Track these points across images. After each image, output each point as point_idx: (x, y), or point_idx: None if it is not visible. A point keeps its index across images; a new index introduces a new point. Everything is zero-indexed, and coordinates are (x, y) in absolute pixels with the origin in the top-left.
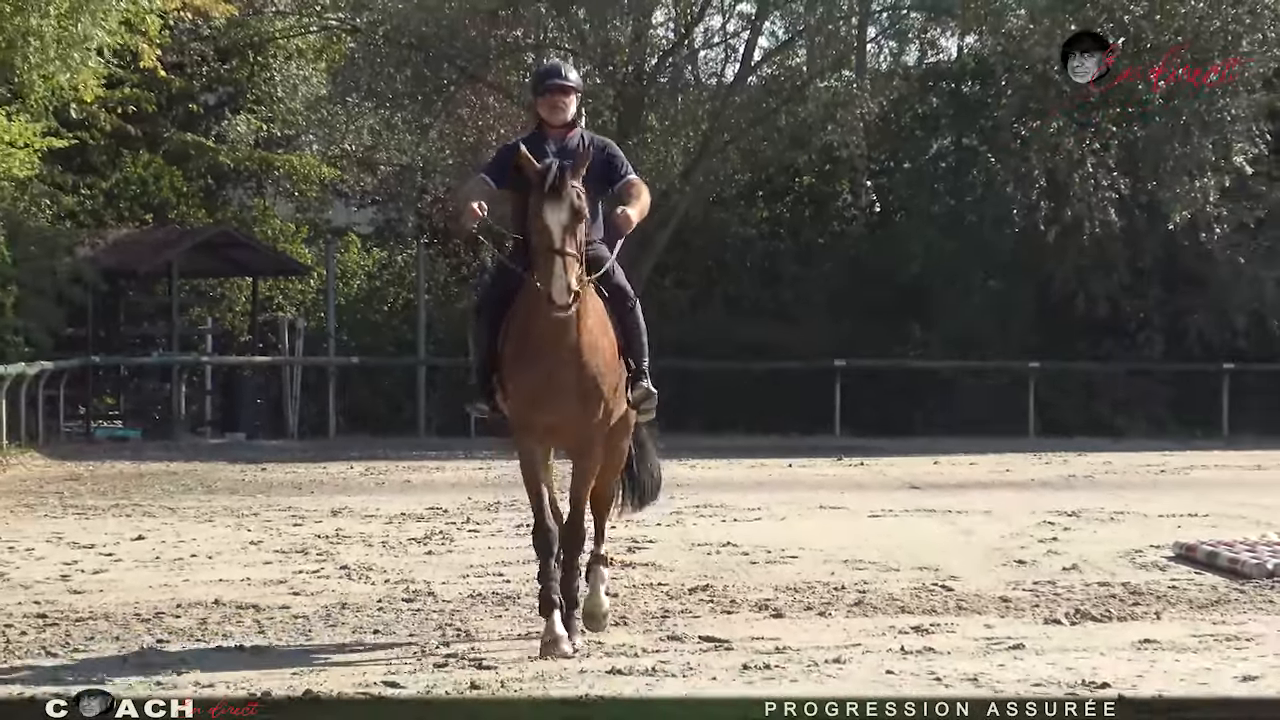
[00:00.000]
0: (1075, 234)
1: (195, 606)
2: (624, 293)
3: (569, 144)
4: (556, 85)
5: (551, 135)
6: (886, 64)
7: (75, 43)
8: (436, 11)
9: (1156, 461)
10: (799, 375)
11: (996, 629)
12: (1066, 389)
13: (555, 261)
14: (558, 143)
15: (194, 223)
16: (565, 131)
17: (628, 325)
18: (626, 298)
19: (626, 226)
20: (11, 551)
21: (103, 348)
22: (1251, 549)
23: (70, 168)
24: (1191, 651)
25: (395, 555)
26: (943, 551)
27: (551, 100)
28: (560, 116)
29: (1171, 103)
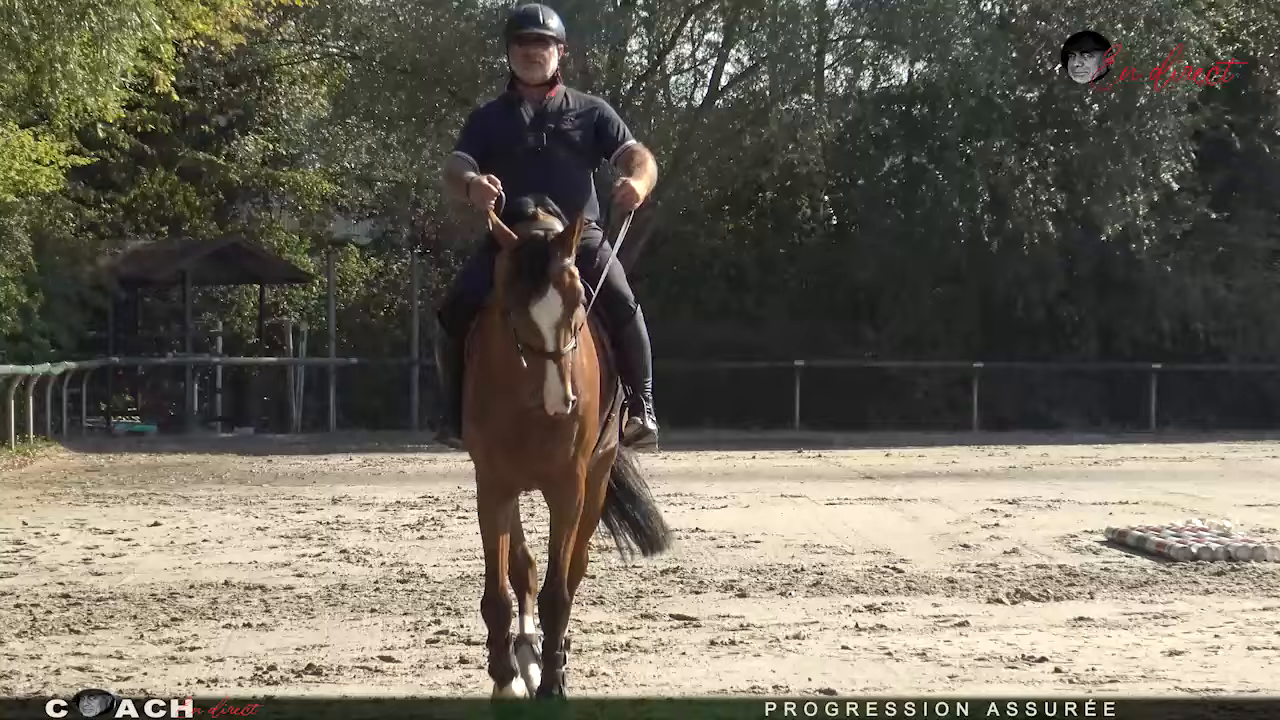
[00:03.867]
0: (1016, 245)
1: (207, 587)
2: (622, 299)
3: (548, 106)
4: (532, 34)
5: (529, 96)
6: (843, 88)
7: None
8: (429, 40)
9: (1090, 454)
10: (762, 374)
11: (943, 608)
12: (1007, 387)
13: (549, 368)
14: (535, 105)
15: (206, 234)
16: (544, 91)
17: (625, 340)
18: (626, 307)
19: (632, 201)
20: (38, 537)
21: (122, 349)
22: (1177, 534)
23: (92, 184)
24: (1122, 628)
25: (391, 540)
26: (894, 536)
27: (526, 52)
28: (537, 72)
29: (1105, 124)
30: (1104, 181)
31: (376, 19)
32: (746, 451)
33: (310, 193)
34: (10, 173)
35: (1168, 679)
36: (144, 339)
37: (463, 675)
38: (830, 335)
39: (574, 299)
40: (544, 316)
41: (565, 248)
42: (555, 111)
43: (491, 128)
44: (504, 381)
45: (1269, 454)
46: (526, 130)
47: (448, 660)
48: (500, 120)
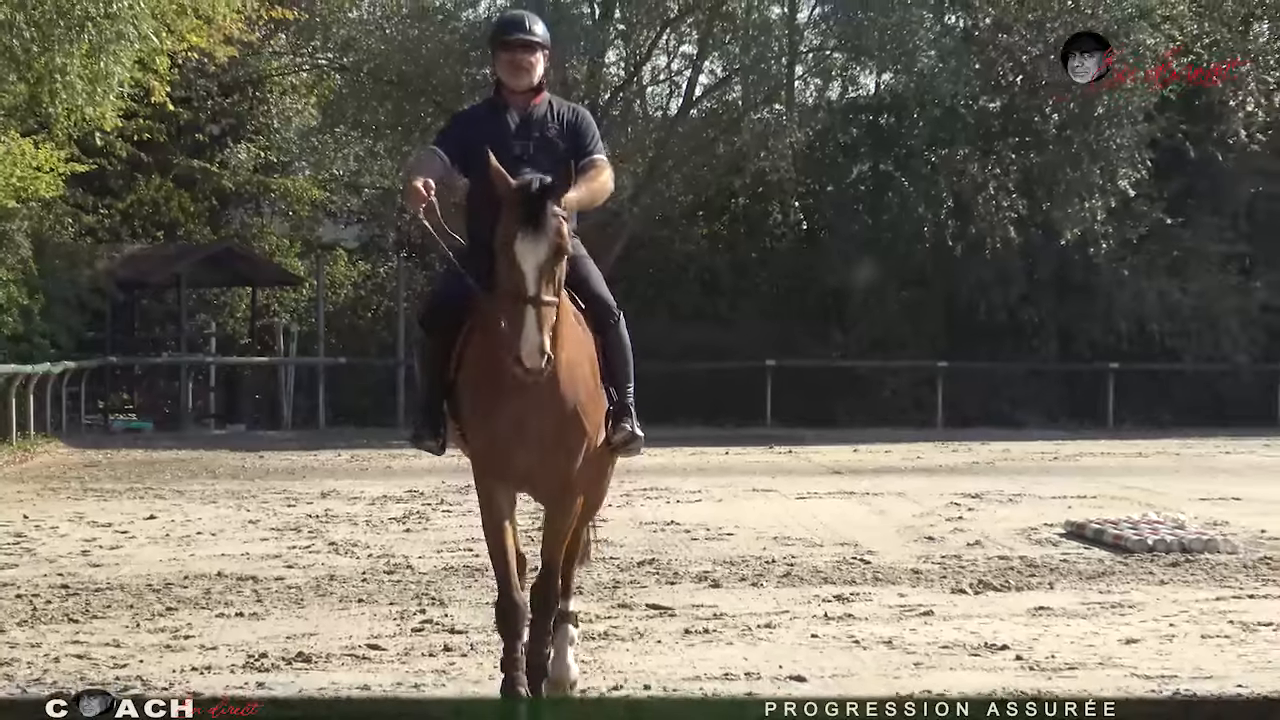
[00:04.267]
0: (979, 249)
1: (200, 578)
2: (605, 305)
3: (534, 114)
4: (519, 40)
5: (514, 102)
6: (812, 99)
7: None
8: (414, 53)
9: (1050, 450)
10: (735, 373)
11: (909, 597)
12: (971, 386)
13: (528, 314)
14: (521, 112)
15: (200, 239)
16: (530, 98)
17: (609, 345)
18: (609, 312)
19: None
20: (38, 529)
21: (119, 349)
22: (1134, 527)
23: (91, 190)
24: (1081, 618)
25: (377, 533)
26: (861, 529)
27: (513, 58)
28: (524, 79)
29: (1064, 133)
30: (1063, 188)
31: (364, 32)
32: (720, 448)
33: (300, 199)
34: (11, 179)
35: (1124, 666)
36: (140, 339)
37: (446, 663)
38: (801, 336)
39: (560, 245)
40: (529, 256)
41: (556, 195)
42: (540, 119)
43: (475, 132)
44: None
45: (1222, 450)
46: (512, 138)
47: (432, 648)
48: (485, 125)
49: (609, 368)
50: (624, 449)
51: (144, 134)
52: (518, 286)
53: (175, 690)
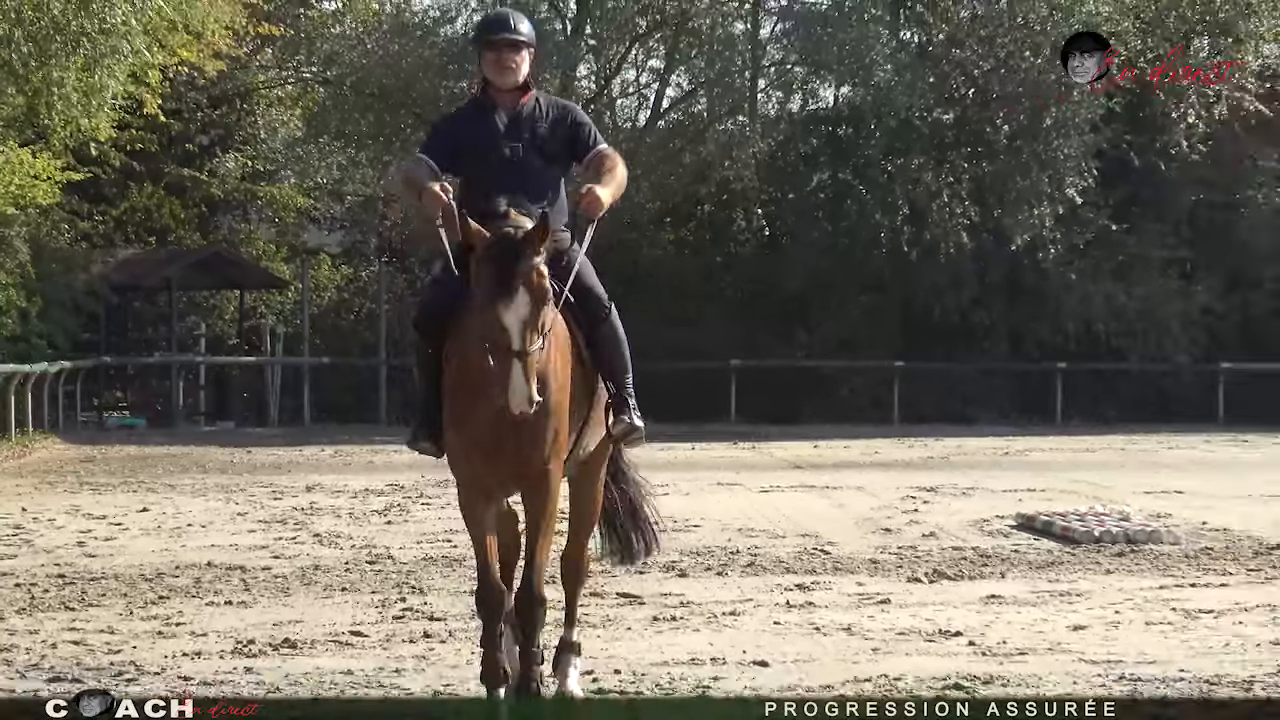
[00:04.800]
0: (933, 254)
1: (191, 568)
2: (596, 299)
3: (522, 112)
4: (504, 39)
5: (501, 102)
6: (774, 110)
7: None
8: (395, 67)
9: (1001, 446)
10: (701, 373)
11: (867, 586)
12: (926, 385)
13: (514, 366)
14: (509, 111)
15: (190, 244)
16: (517, 97)
17: (602, 339)
18: (600, 305)
19: (596, 209)
20: (35, 522)
21: (113, 350)
22: (1081, 519)
23: (86, 197)
24: (1031, 605)
25: (360, 524)
26: (821, 521)
27: (498, 57)
28: (510, 78)
29: (1014, 143)
30: (1013, 196)
31: (347, 46)
32: (686, 443)
33: (286, 206)
34: (10, 187)
35: (1072, 652)
36: (133, 340)
37: (426, 649)
38: (764, 337)
39: (542, 298)
40: (511, 314)
41: (534, 246)
42: (529, 118)
43: (463, 133)
44: (479, 387)
45: (1165, 446)
46: (501, 138)
47: (412, 635)
48: (473, 126)
49: (603, 361)
50: (625, 440)
51: (136, 144)
52: (503, 342)
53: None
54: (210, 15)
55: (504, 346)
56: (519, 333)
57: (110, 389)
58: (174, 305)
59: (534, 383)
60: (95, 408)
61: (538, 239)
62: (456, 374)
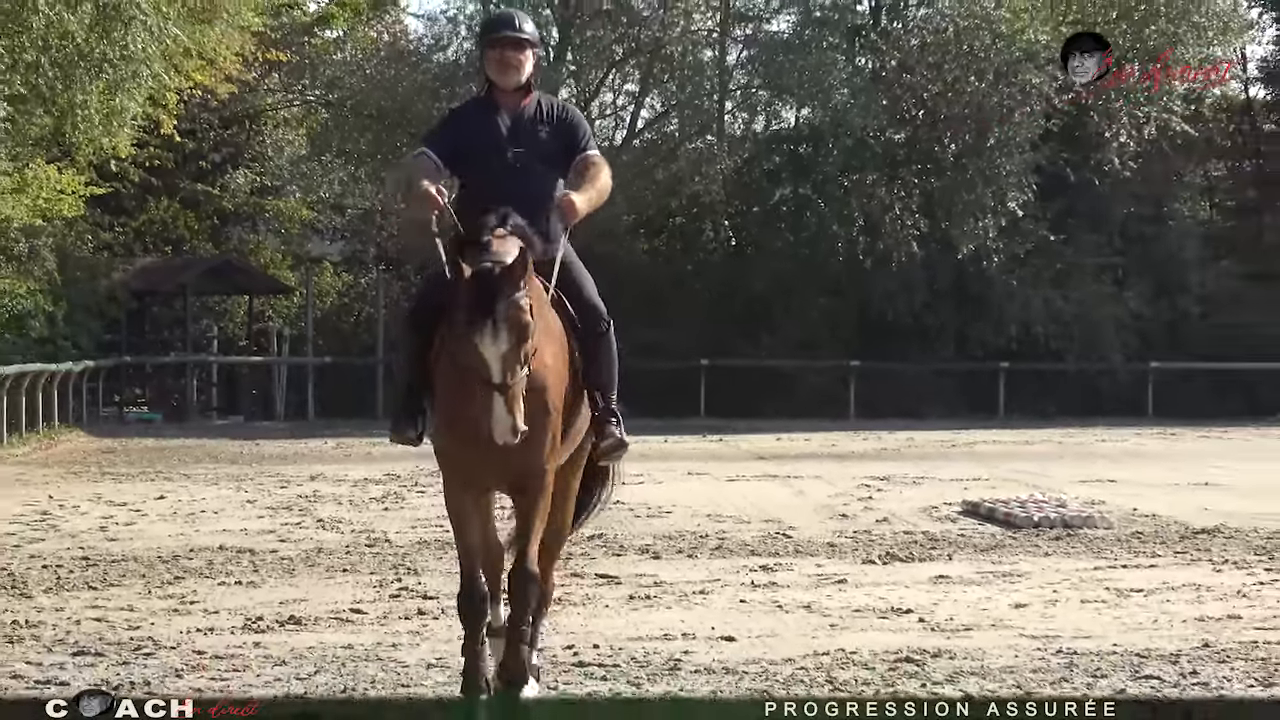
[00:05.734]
0: (886, 262)
1: (204, 551)
2: (597, 313)
3: (524, 115)
4: (508, 38)
5: (503, 102)
6: (740, 130)
7: (113, 113)
8: (391, 90)
9: (949, 438)
10: (673, 372)
11: (825, 567)
12: (879, 382)
13: (496, 400)
14: (511, 112)
15: (203, 253)
16: (520, 98)
17: (597, 352)
18: (600, 320)
19: (571, 215)
20: (61, 508)
21: (132, 350)
22: (1022, 505)
23: (107, 210)
24: (975, 585)
25: (360, 511)
26: (783, 508)
27: (502, 56)
28: (513, 78)
29: (960, 161)
30: (960, 209)
31: (347, 72)
32: (659, 436)
33: (291, 218)
34: (38, 201)
35: (1014, 627)
36: (151, 341)
37: (420, 625)
38: (731, 339)
39: (522, 333)
40: (491, 350)
41: (514, 281)
42: (531, 120)
43: (468, 131)
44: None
45: (1099, 439)
46: (504, 141)
47: (407, 612)
48: (476, 128)
49: (595, 374)
50: (608, 455)
51: (154, 161)
52: (485, 377)
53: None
54: (222, 43)
55: (485, 380)
56: (499, 368)
57: (130, 386)
58: (188, 309)
59: (518, 414)
60: (116, 403)
61: (518, 273)
62: (448, 371)
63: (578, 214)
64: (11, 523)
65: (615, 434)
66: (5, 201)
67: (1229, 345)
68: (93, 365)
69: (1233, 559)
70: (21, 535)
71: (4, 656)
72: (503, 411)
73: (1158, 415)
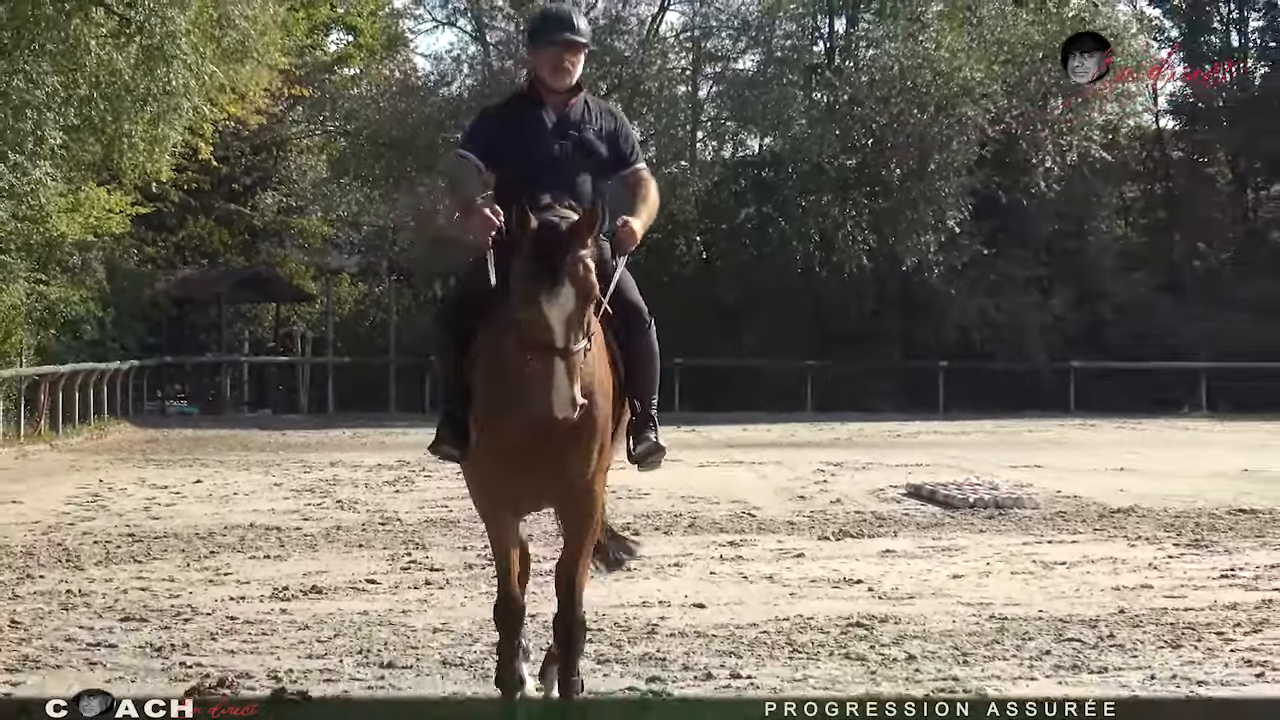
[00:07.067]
0: (839, 273)
1: (236, 528)
2: (638, 311)
3: (570, 114)
4: (566, 39)
5: (550, 101)
6: (710, 156)
7: (156, 141)
8: (402, 121)
9: (895, 429)
10: None
11: (785, 543)
12: (834, 379)
13: (557, 366)
14: (557, 111)
15: (236, 265)
16: (567, 98)
17: (639, 353)
18: (641, 318)
19: (630, 244)
20: (110, 491)
21: (173, 351)
22: (959, 488)
23: (150, 227)
24: (918, 558)
25: (374, 493)
26: (748, 490)
27: (556, 57)
28: (565, 79)
29: (904, 184)
30: (904, 226)
31: (363, 105)
32: None
33: (313, 234)
34: (90, 219)
35: (952, 596)
36: (190, 343)
37: (427, 594)
38: (702, 341)
39: (588, 291)
40: (555, 309)
41: (580, 238)
42: (578, 120)
43: (509, 129)
44: (515, 393)
45: (1027, 429)
46: (550, 136)
47: (416, 583)
48: (519, 121)
49: (636, 378)
50: (645, 461)
51: (192, 183)
52: (545, 339)
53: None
54: (252, 79)
55: (544, 344)
56: (563, 330)
57: (170, 383)
58: (223, 315)
59: (577, 385)
60: (158, 398)
61: (585, 229)
62: (488, 377)
63: (637, 241)
64: (66, 504)
65: (651, 438)
66: (60, 220)
67: (1141, 347)
68: (138, 364)
69: (1145, 535)
70: (75, 515)
71: (60, 622)
72: (564, 381)
73: (1079, 409)
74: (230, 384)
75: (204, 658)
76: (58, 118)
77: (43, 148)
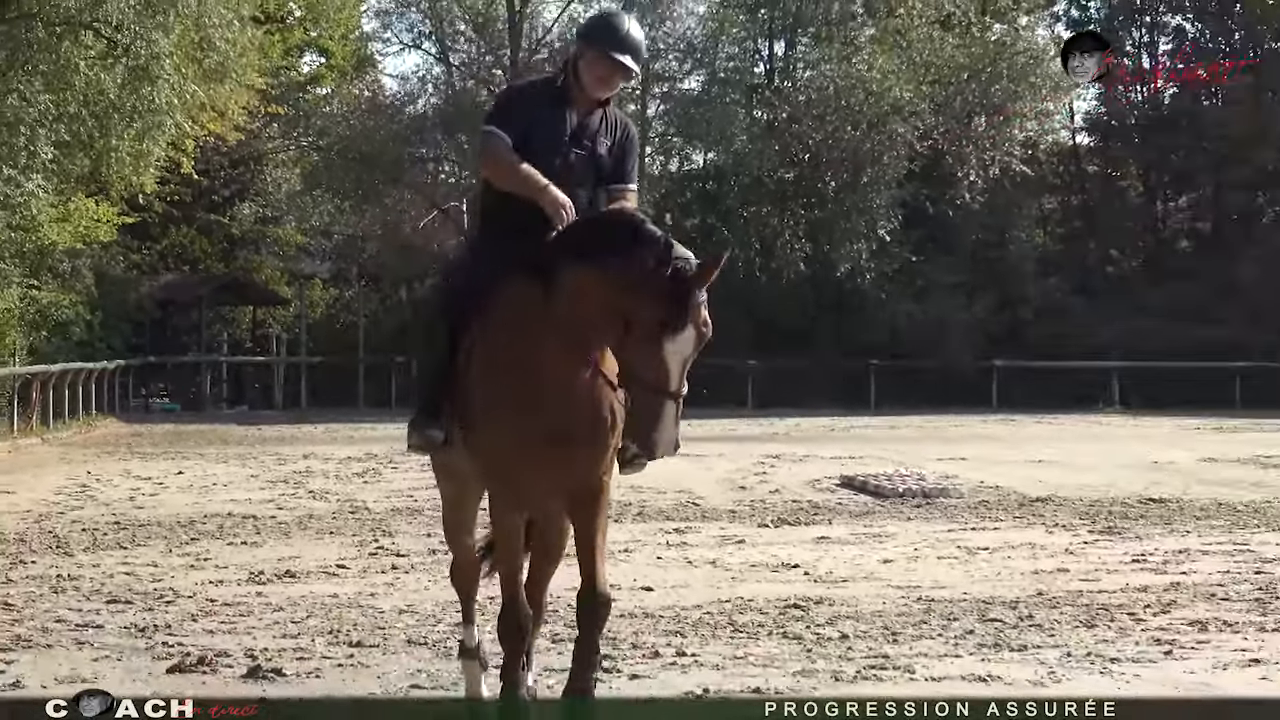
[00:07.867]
0: (778, 279)
1: (215, 517)
2: None
3: (591, 122)
4: (625, 66)
5: (578, 101)
6: (658, 170)
7: (141, 156)
8: (370, 137)
9: (829, 424)
10: None
11: (727, 530)
12: (774, 377)
13: (667, 409)
14: (580, 117)
15: (216, 271)
16: (594, 105)
17: None
18: None
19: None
20: (98, 482)
21: (156, 351)
22: (889, 479)
23: (136, 236)
24: (851, 544)
25: (344, 483)
26: (693, 481)
27: (608, 72)
28: (603, 93)
29: (839, 195)
30: (838, 235)
31: (334, 122)
32: None
33: (288, 242)
34: (79, 229)
35: (883, 579)
36: (172, 344)
37: (394, 578)
38: None
39: (705, 335)
40: (675, 354)
41: (704, 282)
42: (595, 130)
43: (534, 121)
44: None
45: (952, 424)
46: (566, 143)
47: (383, 567)
48: (544, 118)
49: None
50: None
51: (175, 195)
52: (660, 381)
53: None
54: (231, 98)
55: (661, 387)
56: (679, 373)
57: (154, 381)
58: (203, 317)
59: (679, 427)
60: (143, 396)
61: (708, 276)
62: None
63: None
64: (56, 494)
65: None
66: (51, 229)
67: (1059, 347)
68: (124, 364)
69: (1062, 523)
70: (65, 504)
71: (50, 604)
72: (670, 423)
73: (1001, 405)
74: (210, 382)
75: (185, 638)
76: (49, 134)
77: (35, 162)
